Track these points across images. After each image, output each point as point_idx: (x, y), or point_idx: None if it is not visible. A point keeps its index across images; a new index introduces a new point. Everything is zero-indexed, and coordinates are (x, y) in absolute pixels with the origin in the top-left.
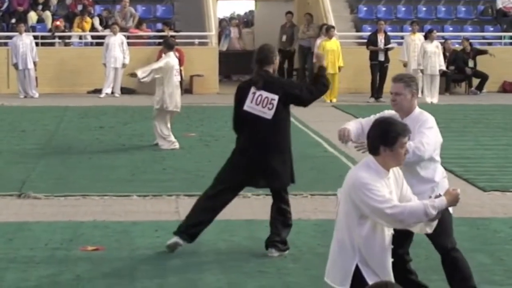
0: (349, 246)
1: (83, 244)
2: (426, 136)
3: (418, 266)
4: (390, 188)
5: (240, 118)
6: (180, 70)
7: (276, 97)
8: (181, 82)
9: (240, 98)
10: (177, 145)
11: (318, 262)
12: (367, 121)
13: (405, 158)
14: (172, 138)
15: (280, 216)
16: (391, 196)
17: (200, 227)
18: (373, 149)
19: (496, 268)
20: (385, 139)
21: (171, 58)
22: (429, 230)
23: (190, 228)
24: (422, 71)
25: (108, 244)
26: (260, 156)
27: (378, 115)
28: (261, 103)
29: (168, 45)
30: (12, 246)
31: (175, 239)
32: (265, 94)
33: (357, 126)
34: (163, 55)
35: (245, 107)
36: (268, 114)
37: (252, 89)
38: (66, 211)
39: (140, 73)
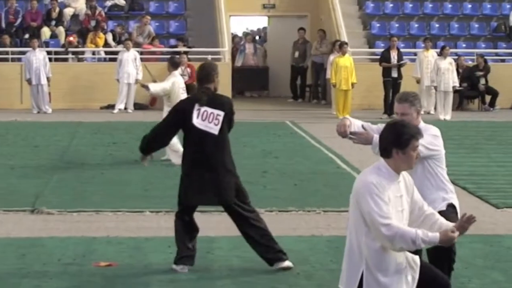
0: (356, 251)
1: (96, 260)
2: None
3: None
4: (401, 193)
5: (187, 134)
6: (193, 86)
7: (222, 113)
8: None
9: (184, 115)
10: None
11: (330, 279)
12: (369, 126)
13: (416, 161)
14: None
15: (259, 232)
16: (391, 213)
17: (193, 248)
18: (385, 152)
19: (510, 285)
20: (398, 141)
21: (177, 78)
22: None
23: (186, 252)
24: (435, 87)
25: (121, 260)
26: (208, 172)
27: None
28: (207, 119)
29: (173, 63)
30: (25, 262)
31: (179, 268)
32: (210, 110)
33: (357, 124)
34: (169, 73)
35: (194, 122)
36: (215, 129)
37: (196, 106)
38: (79, 227)
39: (152, 87)
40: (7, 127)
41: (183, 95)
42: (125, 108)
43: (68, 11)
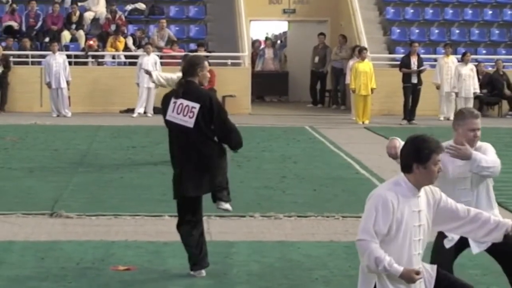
0: None
1: (115, 264)
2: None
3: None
4: (419, 208)
5: (168, 128)
6: (213, 91)
7: (197, 105)
8: None
9: (164, 108)
10: None
11: (349, 285)
12: None
13: (438, 176)
14: None
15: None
16: (376, 231)
17: (200, 251)
18: (406, 167)
19: None
20: (418, 156)
21: None
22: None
23: (197, 256)
24: (456, 93)
25: (139, 264)
26: (187, 165)
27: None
28: (182, 112)
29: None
30: (44, 265)
31: (196, 273)
32: (185, 102)
33: None
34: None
35: (167, 117)
36: (190, 122)
37: (172, 99)
38: (97, 231)
39: (155, 76)
40: (26, 130)
41: None
42: (145, 112)
43: (89, 15)
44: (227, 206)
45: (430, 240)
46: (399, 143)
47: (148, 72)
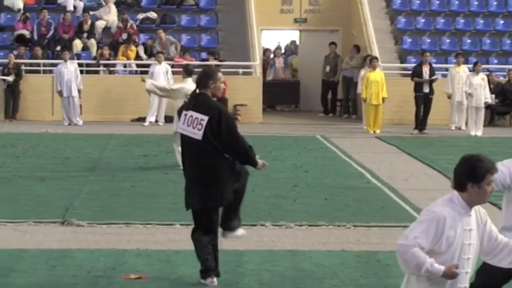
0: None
1: (126, 272)
2: None
3: None
4: (471, 226)
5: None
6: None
7: (206, 117)
8: None
9: (178, 121)
10: None
11: None
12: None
13: (490, 196)
14: None
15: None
16: (418, 242)
17: (214, 258)
18: (460, 185)
19: None
20: (473, 175)
21: (187, 84)
22: None
23: (210, 264)
24: (470, 94)
25: (151, 273)
26: (195, 177)
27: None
28: (192, 124)
29: (187, 70)
30: (55, 273)
31: (208, 282)
32: (195, 114)
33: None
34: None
35: (178, 129)
36: (198, 134)
37: (184, 111)
38: (109, 239)
39: (149, 84)
40: (38, 139)
41: None
42: (156, 121)
43: (100, 24)
44: (238, 233)
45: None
46: None
47: (143, 80)
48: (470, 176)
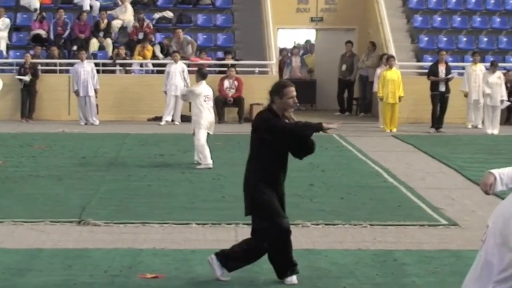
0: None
1: (143, 272)
2: None
3: None
4: None
5: None
6: (241, 99)
7: (251, 129)
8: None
9: None
10: (210, 165)
11: None
12: None
13: None
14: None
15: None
16: None
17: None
18: None
19: None
20: None
21: (200, 86)
22: None
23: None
24: (488, 94)
25: (167, 272)
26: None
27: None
28: None
29: (201, 74)
30: (72, 273)
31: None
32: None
33: (510, 176)
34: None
35: None
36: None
37: None
38: (125, 239)
39: (185, 91)
40: (54, 138)
41: (206, 103)
42: (172, 120)
43: (116, 23)
44: (293, 279)
45: None
46: (494, 179)
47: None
48: None
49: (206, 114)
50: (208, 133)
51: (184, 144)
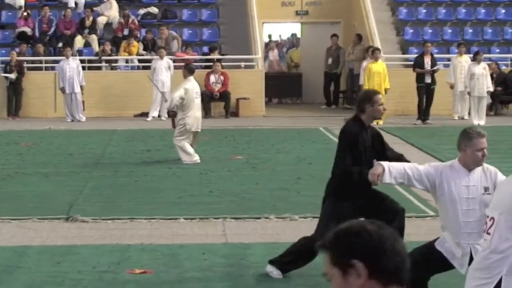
0: (499, 255)
1: (131, 267)
2: None
3: None
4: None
5: None
6: (227, 93)
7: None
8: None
9: None
10: (197, 160)
11: None
12: (416, 172)
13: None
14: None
15: None
16: None
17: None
18: None
19: None
20: None
21: (190, 83)
22: None
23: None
24: (469, 93)
25: (155, 267)
26: None
27: (428, 165)
28: None
29: (189, 69)
30: (60, 269)
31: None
32: None
33: (400, 171)
34: (184, 79)
35: None
36: None
37: None
38: (113, 234)
39: (168, 103)
40: (41, 136)
41: (197, 100)
42: (159, 116)
43: (101, 20)
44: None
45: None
46: (383, 170)
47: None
48: None
49: (194, 112)
50: (196, 131)
51: (171, 139)
